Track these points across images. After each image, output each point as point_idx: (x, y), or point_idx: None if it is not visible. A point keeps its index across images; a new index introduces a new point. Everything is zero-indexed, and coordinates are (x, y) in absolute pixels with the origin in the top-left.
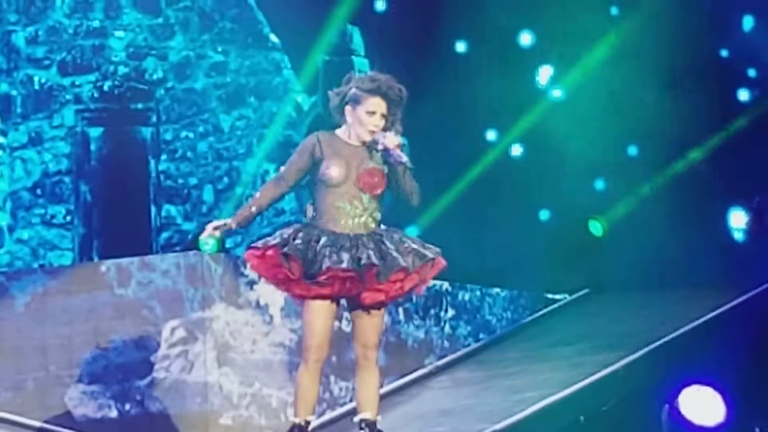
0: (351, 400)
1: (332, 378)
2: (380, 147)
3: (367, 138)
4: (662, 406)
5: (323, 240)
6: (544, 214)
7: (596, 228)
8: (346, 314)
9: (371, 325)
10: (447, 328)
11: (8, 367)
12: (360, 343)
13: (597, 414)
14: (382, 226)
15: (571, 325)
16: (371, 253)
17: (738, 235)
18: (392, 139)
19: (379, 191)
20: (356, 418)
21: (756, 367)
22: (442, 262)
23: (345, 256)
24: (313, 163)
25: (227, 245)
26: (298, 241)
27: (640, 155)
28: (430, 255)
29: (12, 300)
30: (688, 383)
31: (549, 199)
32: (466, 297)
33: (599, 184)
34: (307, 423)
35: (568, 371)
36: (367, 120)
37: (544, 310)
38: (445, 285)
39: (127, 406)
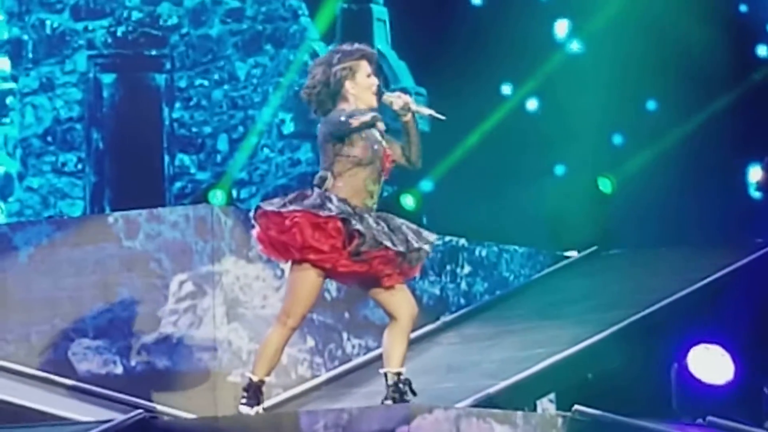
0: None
1: (345, 335)
2: (398, 102)
3: (374, 103)
4: (671, 364)
5: (368, 219)
6: (559, 169)
7: (605, 185)
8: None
9: (404, 299)
10: (463, 285)
11: (11, 320)
12: (395, 317)
13: (605, 372)
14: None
15: (580, 283)
16: (411, 236)
17: (755, 192)
18: (404, 97)
19: (389, 172)
20: (382, 370)
21: (764, 326)
22: None
23: (393, 236)
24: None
25: (241, 195)
26: (355, 219)
27: (659, 109)
28: (433, 237)
29: (16, 251)
30: (697, 342)
31: (565, 155)
32: (483, 253)
33: (617, 139)
34: (263, 383)
35: (576, 328)
36: (370, 82)
37: (553, 267)
38: (462, 241)
39: (133, 362)
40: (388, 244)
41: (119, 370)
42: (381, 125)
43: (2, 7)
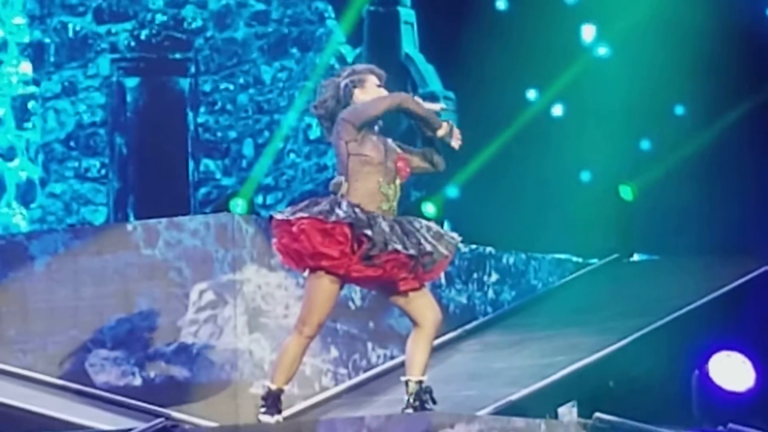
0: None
1: (369, 345)
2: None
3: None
4: (692, 371)
5: (382, 222)
6: (585, 176)
7: (626, 192)
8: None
9: (427, 305)
10: (490, 293)
11: (29, 330)
12: (419, 323)
13: (626, 379)
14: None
15: (601, 290)
16: (423, 239)
17: None
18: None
19: (406, 177)
20: (403, 378)
21: None
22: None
23: (403, 239)
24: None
25: (268, 201)
26: (365, 224)
27: (687, 114)
28: (457, 239)
29: (32, 260)
30: (718, 349)
31: (591, 161)
32: (511, 260)
33: (644, 145)
34: (282, 391)
35: (597, 336)
36: (380, 91)
37: (575, 275)
38: (489, 248)
39: (152, 373)
40: (399, 247)
41: (138, 381)
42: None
43: (24, 10)
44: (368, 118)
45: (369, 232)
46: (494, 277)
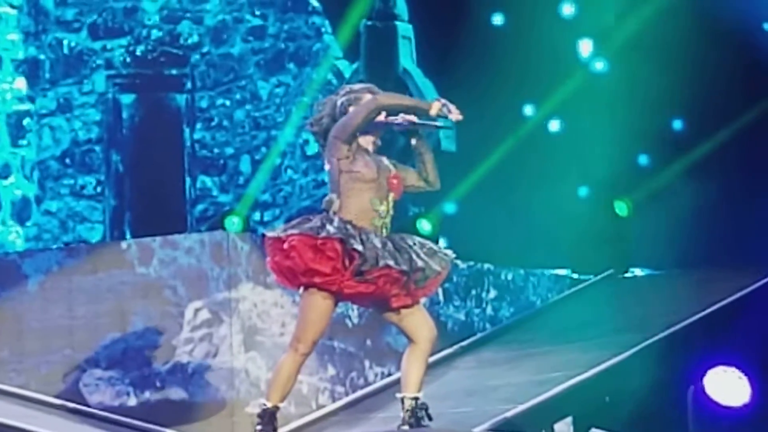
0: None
1: (366, 363)
2: (403, 122)
3: (379, 127)
4: (688, 387)
5: (373, 238)
6: (582, 191)
7: (621, 208)
8: None
9: (421, 322)
10: (489, 310)
11: (20, 350)
12: (414, 340)
13: (622, 395)
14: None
15: (597, 306)
16: (415, 256)
17: None
18: (407, 117)
19: (400, 195)
20: (399, 395)
21: None
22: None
23: (395, 255)
24: (346, 144)
25: (265, 218)
26: (355, 239)
27: (685, 129)
28: (450, 256)
29: (25, 279)
30: (714, 364)
31: (588, 176)
32: (509, 277)
33: (642, 160)
34: (277, 409)
35: (593, 352)
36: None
37: (570, 291)
38: (487, 264)
39: (147, 393)
40: (391, 263)
41: (132, 401)
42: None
43: (18, 26)
44: (352, 128)
45: (360, 248)
46: (493, 293)
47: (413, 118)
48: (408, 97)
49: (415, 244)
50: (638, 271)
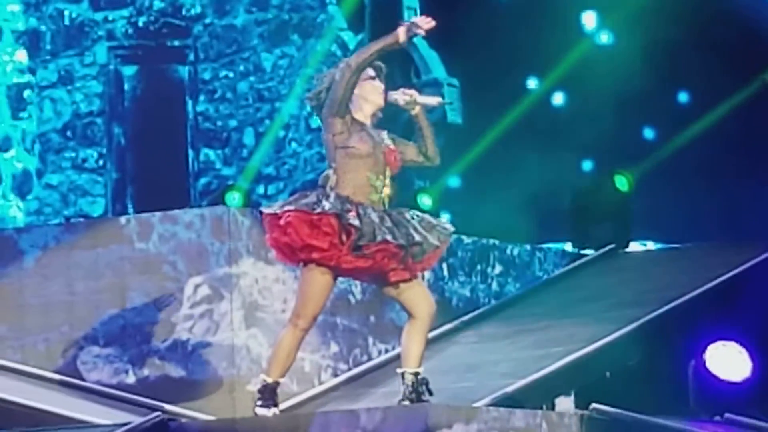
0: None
1: (370, 339)
2: (404, 97)
3: (381, 100)
4: (688, 361)
5: (371, 213)
6: (587, 165)
7: (622, 183)
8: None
9: (421, 296)
10: (494, 286)
11: (17, 327)
12: (413, 314)
13: (623, 369)
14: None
15: (597, 281)
16: (413, 230)
17: None
18: (408, 92)
19: (397, 169)
20: (399, 370)
21: None
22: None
23: (393, 230)
24: (340, 117)
25: (269, 192)
26: (351, 214)
27: (691, 102)
28: (450, 229)
29: (21, 255)
30: (715, 339)
31: (593, 150)
32: (515, 252)
33: (648, 133)
34: (278, 384)
35: (593, 326)
36: (374, 83)
37: (571, 265)
38: (493, 240)
39: (146, 371)
40: (388, 237)
41: (131, 379)
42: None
43: None
44: (338, 101)
45: (356, 222)
46: (498, 269)
47: (414, 93)
48: (374, 43)
49: (413, 218)
50: (639, 246)
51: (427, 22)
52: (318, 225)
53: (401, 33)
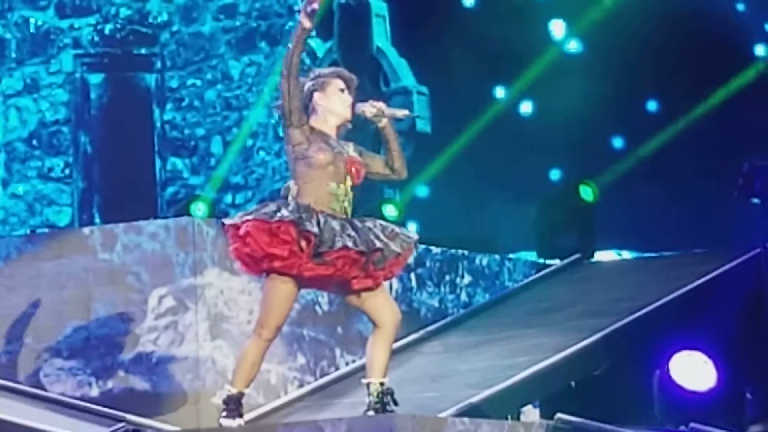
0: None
1: (338, 351)
2: (371, 109)
3: (348, 113)
4: (654, 371)
5: (331, 221)
6: (555, 174)
7: (587, 193)
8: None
9: (385, 306)
10: (463, 296)
11: None
12: (378, 324)
13: (588, 379)
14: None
15: (562, 291)
16: (373, 237)
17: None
18: (377, 104)
19: (359, 180)
20: (365, 380)
21: (746, 332)
22: (415, 247)
23: (352, 236)
24: (297, 127)
25: (237, 201)
26: (307, 220)
27: (660, 110)
28: (413, 237)
29: None
30: (679, 348)
31: (561, 159)
32: (484, 262)
33: (617, 142)
34: (243, 395)
35: (559, 336)
36: (342, 96)
37: (535, 275)
38: (461, 250)
39: (110, 384)
40: (349, 244)
41: (95, 392)
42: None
43: None
44: (287, 111)
45: (314, 229)
46: (467, 279)
47: (381, 105)
48: (290, 43)
49: (375, 226)
50: (612, 255)
51: (312, 7)
52: (276, 233)
53: (304, 19)
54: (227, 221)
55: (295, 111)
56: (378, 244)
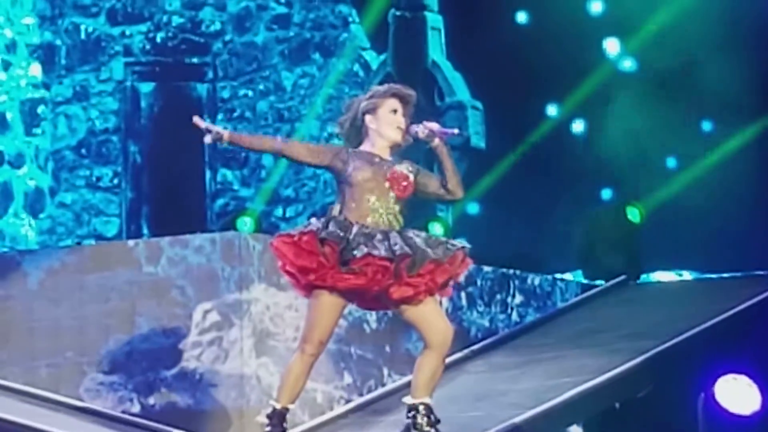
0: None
1: (385, 370)
2: (424, 131)
3: (398, 136)
4: (698, 394)
5: (356, 229)
6: (606, 194)
7: (634, 214)
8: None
9: (434, 323)
10: (514, 316)
11: (19, 352)
12: (425, 342)
13: (632, 401)
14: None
15: (608, 312)
16: (403, 243)
17: None
18: (429, 125)
19: (406, 194)
20: (405, 399)
21: None
22: (470, 260)
23: (379, 245)
24: (332, 163)
25: (288, 214)
26: (332, 228)
27: (715, 130)
28: (459, 245)
29: (24, 278)
30: (724, 372)
31: (613, 178)
32: (536, 281)
33: (671, 162)
34: (287, 410)
35: (603, 358)
36: (393, 118)
37: (581, 296)
38: (514, 270)
39: (151, 400)
40: (375, 252)
41: (136, 408)
42: None
43: (34, 10)
44: (313, 164)
45: (335, 237)
46: (519, 298)
47: (434, 126)
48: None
49: (417, 236)
50: (664, 276)
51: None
52: (299, 244)
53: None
54: (272, 240)
55: (320, 162)
56: (407, 251)
